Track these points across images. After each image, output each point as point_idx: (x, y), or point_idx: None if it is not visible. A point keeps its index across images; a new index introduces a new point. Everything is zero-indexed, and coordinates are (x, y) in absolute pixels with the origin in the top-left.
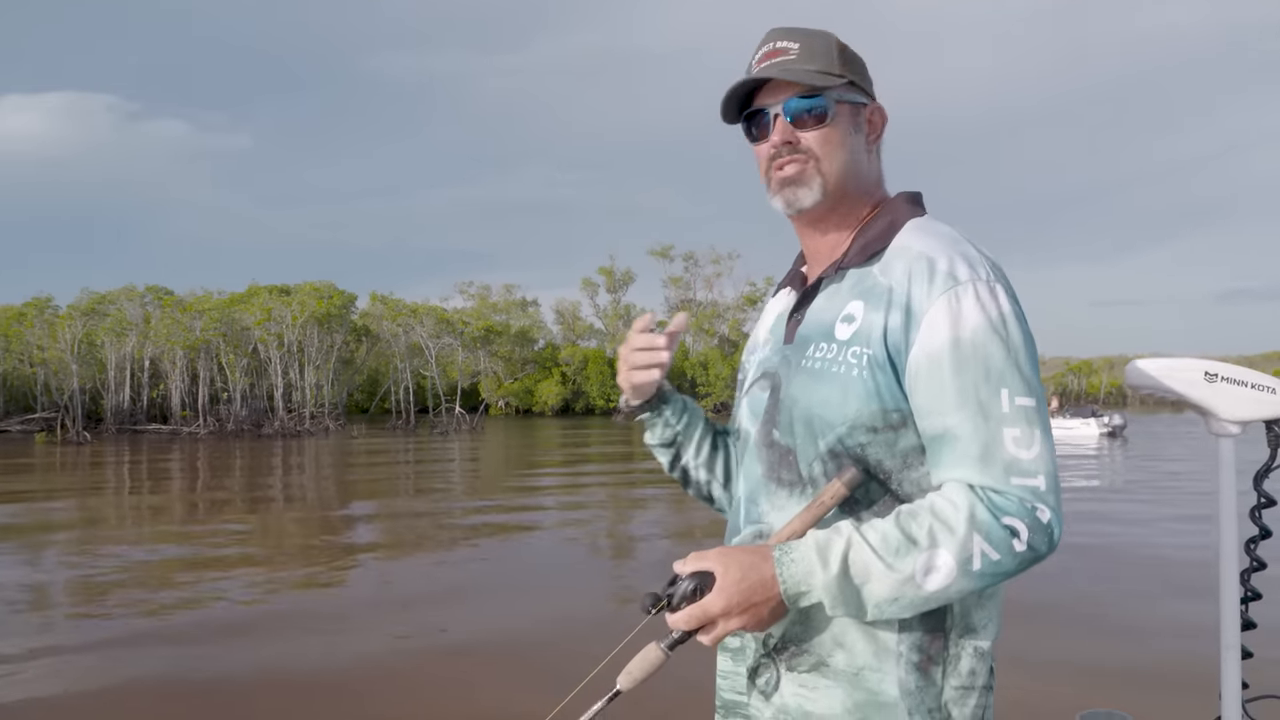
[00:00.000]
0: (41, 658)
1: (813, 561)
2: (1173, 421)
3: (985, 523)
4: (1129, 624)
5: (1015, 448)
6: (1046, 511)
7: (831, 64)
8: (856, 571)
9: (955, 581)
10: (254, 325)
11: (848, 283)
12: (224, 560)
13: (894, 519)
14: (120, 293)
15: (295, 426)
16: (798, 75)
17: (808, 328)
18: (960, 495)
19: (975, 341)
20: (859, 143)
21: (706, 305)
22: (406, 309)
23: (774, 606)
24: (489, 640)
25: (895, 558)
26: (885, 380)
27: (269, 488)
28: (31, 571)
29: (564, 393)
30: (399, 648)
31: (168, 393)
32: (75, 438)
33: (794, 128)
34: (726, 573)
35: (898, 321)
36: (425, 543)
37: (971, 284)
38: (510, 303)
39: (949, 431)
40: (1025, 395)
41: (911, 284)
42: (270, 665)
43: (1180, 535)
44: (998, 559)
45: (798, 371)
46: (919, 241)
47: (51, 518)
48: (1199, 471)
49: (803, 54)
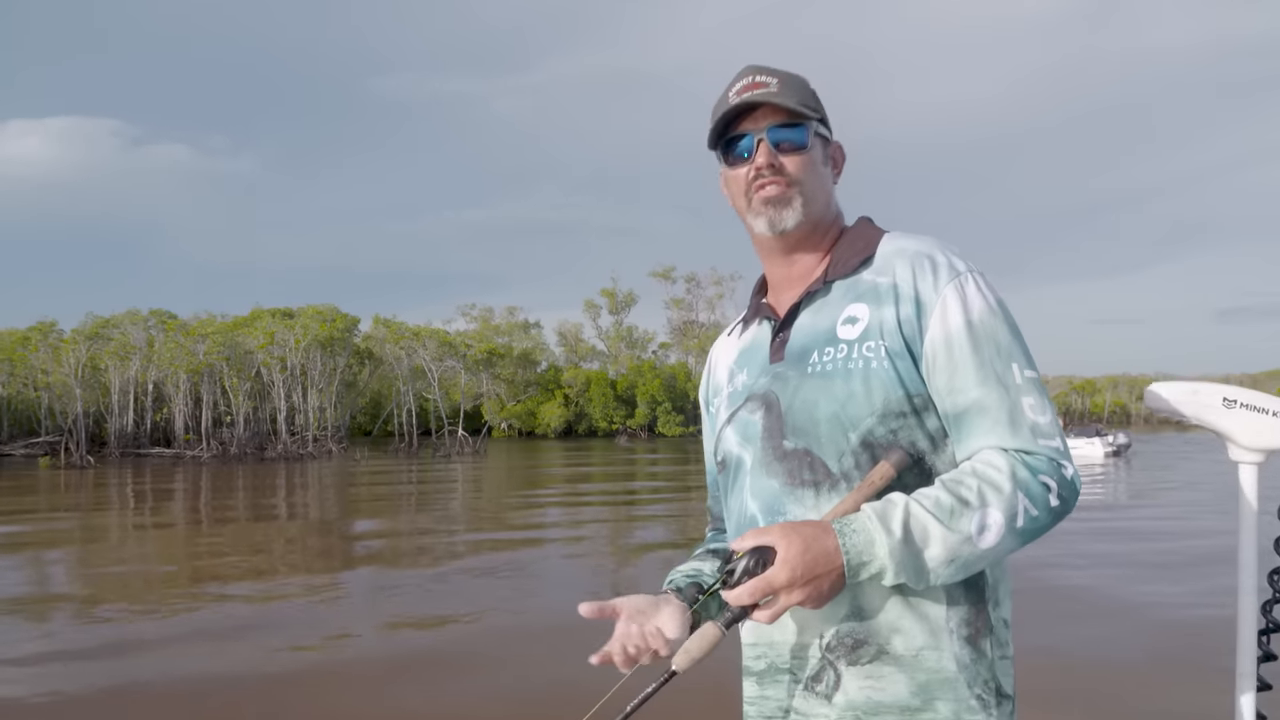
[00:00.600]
0: (41, 664)
1: (874, 530)
2: (1176, 441)
3: (1026, 480)
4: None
5: (1034, 413)
6: (1069, 467)
7: (808, 100)
8: (918, 535)
9: (1004, 539)
10: (257, 349)
11: (835, 294)
12: (224, 574)
13: (942, 484)
14: (124, 316)
15: (298, 450)
16: (787, 101)
17: (801, 340)
18: (999, 459)
19: (984, 322)
20: (828, 174)
21: (709, 326)
22: (409, 332)
23: (835, 579)
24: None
25: (951, 519)
26: (905, 367)
27: (273, 507)
28: (34, 584)
29: (566, 415)
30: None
31: (171, 416)
32: (79, 461)
33: (778, 153)
34: (790, 545)
35: (909, 312)
36: (422, 557)
37: (970, 274)
38: (513, 325)
39: (976, 404)
40: (1030, 368)
41: (918, 279)
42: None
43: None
44: (1037, 514)
45: (805, 379)
46: (912, 244)
47: (54, 537)
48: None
49: (782, 88)
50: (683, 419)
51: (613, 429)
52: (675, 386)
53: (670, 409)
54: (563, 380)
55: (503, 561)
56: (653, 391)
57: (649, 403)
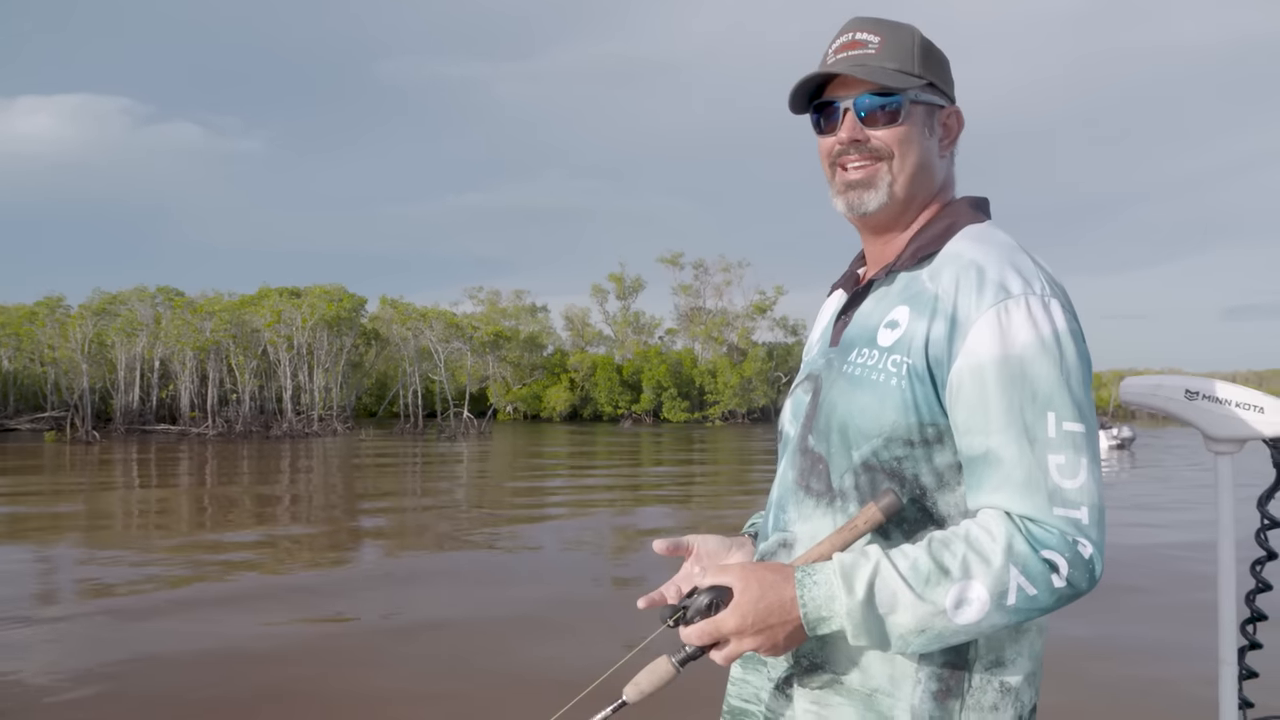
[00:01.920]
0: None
1: (836, 585)
2: (1180, 434)
3: (1023, 555)
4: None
5: (1059, 476)
6: (1088, 546)
7: (910, 62)
8: (883, 599)
9: (988, 616)
10: (264, 327)
11: (897, 286)
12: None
13: (926, 546)
14: (131, 293)
15: (303, 429)
16: (871, 73)
17: (853, 331)
18: (997, 525)
19: (1024, 359)
20: (931, 146)
21: (716, 313)
22: (416, 313)
23: (791, 631)
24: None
25: (926, 587)
26: (923, 392)
27: (276, 486)
28: (37, 562)
29: (572, 399)
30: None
31: (177, 393)
32: (84, 437)
33: (864, 125)
34: (745, 590)
35: (941, 331)
36: (428, 537)
37: (1024, 297)
38: (520, 308)
39: (990, 454)
40: (1073, 420)
41: (959, 293)
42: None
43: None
44: (1034, 594)
45: (839, 376)
46: (972, 249)
47: (58, 511)
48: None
49: (882, 49)
50: (688, 405)
51: (618, 414)
52: (681, 372)
53: (675, 395)
54: (569, 364)
55: (499, 543)
56: (659, 377)
57: (654, 388)
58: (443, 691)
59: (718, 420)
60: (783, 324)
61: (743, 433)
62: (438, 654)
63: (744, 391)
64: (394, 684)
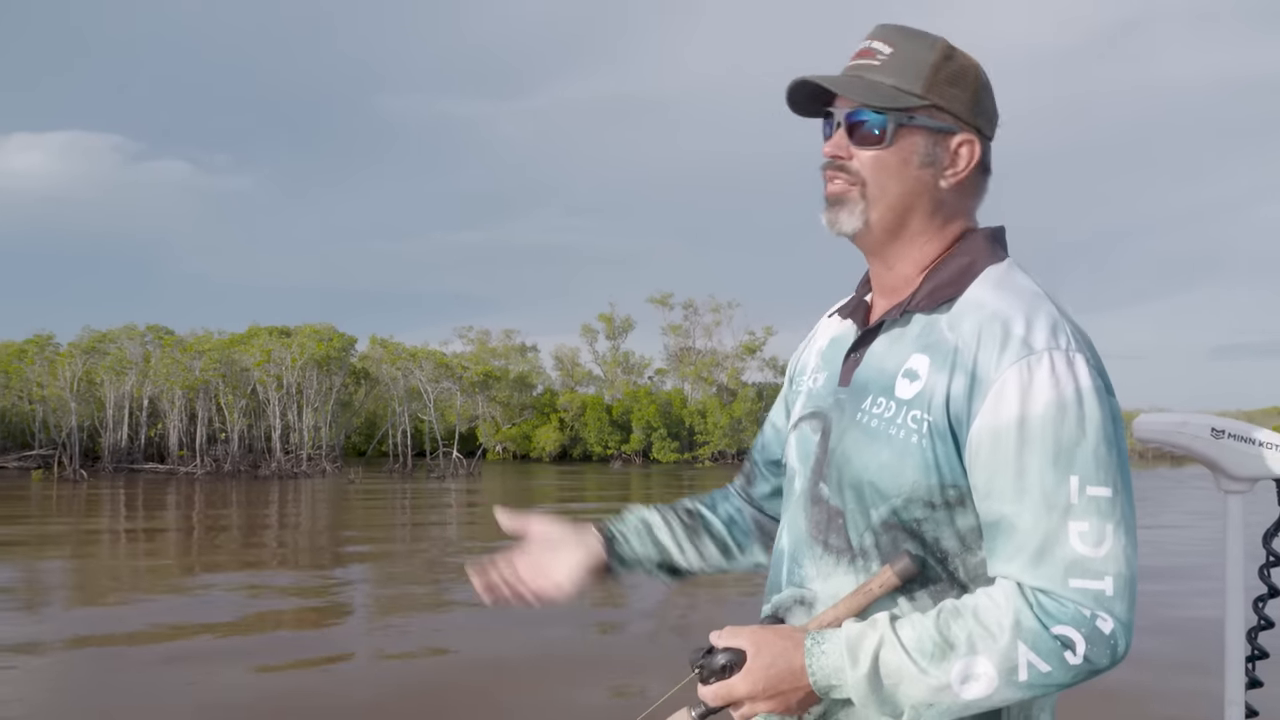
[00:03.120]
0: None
1: (842, 657)
2: (1179, 476)
3: (1032, 631)
4: None
5: (1081, 544)
6: (1109, 621)
7: (915, 80)
8: (887, 672)
9: (998, 691)
10: (253, 366)
11: (914, 329)
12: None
13: (934, 618)
14: (121, 331)
15: (292, 468)
16: (856, 88)
17: (867, 374)
18: (1006, 598)
19: (1045, 418)
20: (926, 175)
21: (705, 353)
22: (406, 353)
23: (803, 697)
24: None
25: (929, 662)
26: (945, 451)
27: (265, 528)
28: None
29: (562, 439)
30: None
31: (165, 432)
32: (72, 475)
33: (851, 142)
34: (757, 656)
35: (961, 388)
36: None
37: (1048, 353)
38: (509, 348)
39: (1005, 520)
40: (1099, 484)
41: (980, 347)
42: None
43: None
44: (1047, 670)
45: (852, 425)
46: (994, 298)
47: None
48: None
49: (888, 62)
50: (677, 445)
51: (608, 454)
52: (671, 413)
53: (666, 435)
54: (558, 404)
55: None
56: (648, 417)
57: (644, 428)
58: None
59: (707, 461)
60: (772, 364)
61: (733, 473)
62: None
63: (734, 432)
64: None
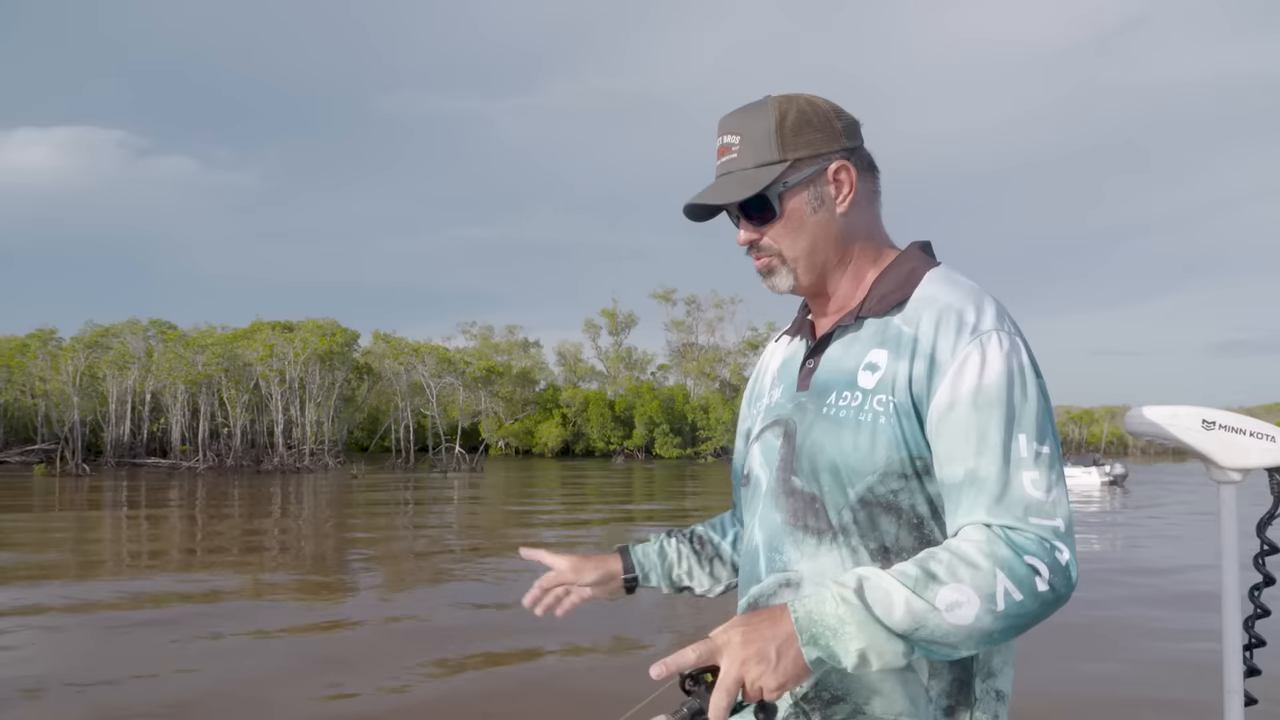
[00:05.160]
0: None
1: (826, 593)
2: (1176, 471)
3: (1007, 559)
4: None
5: (1034, 490)
6: (1065, 552)
7: (769, 149)
8: (876, 598)
9: (981, 619)
10: (256, 361)
11: (866, 331)
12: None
13: (916, 559)
14: (124, 326)
15: (295, 463)
16: (729, 188)
17: (825, 375)
18: (978, 532)
19: (997, 386)
20: (824, 216)
21: (708, 349)
22: (409, 348)
23: (783, 641)
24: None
25: (917, 586)
26: (910, 428)
27: (264, 531)
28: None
29: (564, 434)
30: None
31: (168, 427)
32: (74, 470)
33: (754, 226)
34: (730, 631)
35: (922, 370)
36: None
37: (995, 333)
38: (512, 343)
39: (969, 475)
40: (1042, 442)
41: (938, 335)
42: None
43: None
44: (1021, 599)
45: (818, 419)
46: (945, 292)
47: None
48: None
49: (743, 149)
50: (680, 441)
51: (610, 449)
52: (674, 408)
53: (668, 430)
54: (561, 400)
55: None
56: (651, 413)
57: (646, 424)
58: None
59: (710, 456)
60: None
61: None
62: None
63: (736, 428)
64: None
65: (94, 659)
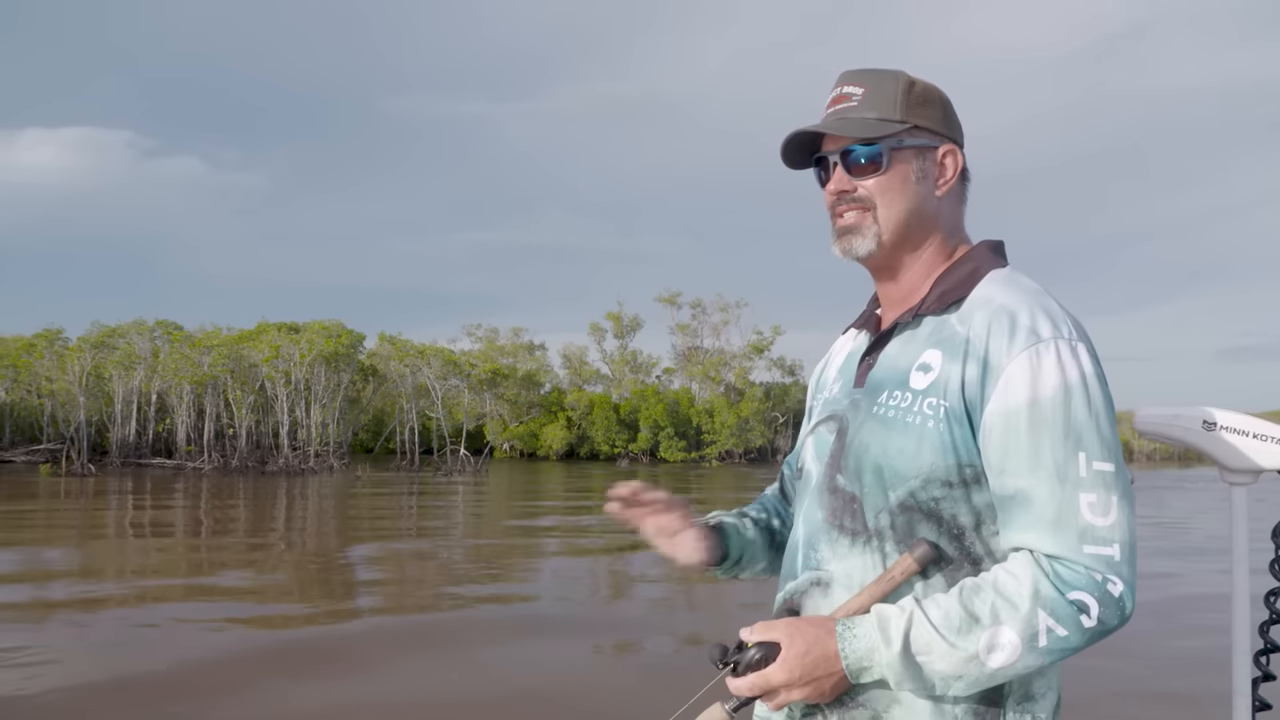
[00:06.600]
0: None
1: (875, 639)
2: (1179, 477)
3: (1050, 599)
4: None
5: (1090, 514)
6: (1119, 584)
7: (893, 109)
8: (919, 648)
9: (1021, 658)
10: (262, 362)
11: (925, 330)
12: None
13: (957, 594)
14: (130, 326)
15: (300, 464)
16: (845, 126)
17: (881, 373)
18: (1024, 569)
19: (1054, 401)
20: (923, 189)
21: (713, 353)
22: (414, 350)
23: (836, 681)
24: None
25: (957, 635)
26: (961, 434)
27: (271, 525)
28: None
29: (569, 437)
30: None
31: (173, 427)
32: (80, 470)
33: (852, 176)
34: (791, 645)
35: (974, 374)
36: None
37: (1053, 341)
38: (517, 346)
39: (1021, 494)
40: (1104, 459)
41: (991, 337)
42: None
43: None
44: (1065, 635)
45: (869, 418)
46: (1001, 294)
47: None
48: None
49: (865, 100)
50: (685, 445)
51: (615, 453)
52: (678, 412)
53: (673, 434)
54: (566, 402)
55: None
56: (655, 416)
57: (651, 427)
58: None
59: (714, 460)
60: (780, 364)
61: (740, 474)
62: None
63: (741, 432)
64: None
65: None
